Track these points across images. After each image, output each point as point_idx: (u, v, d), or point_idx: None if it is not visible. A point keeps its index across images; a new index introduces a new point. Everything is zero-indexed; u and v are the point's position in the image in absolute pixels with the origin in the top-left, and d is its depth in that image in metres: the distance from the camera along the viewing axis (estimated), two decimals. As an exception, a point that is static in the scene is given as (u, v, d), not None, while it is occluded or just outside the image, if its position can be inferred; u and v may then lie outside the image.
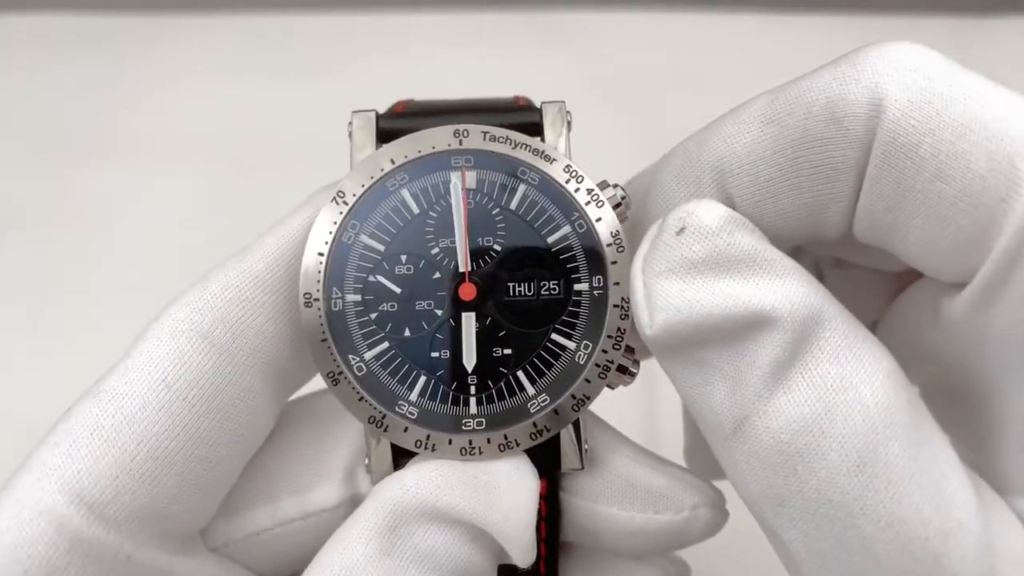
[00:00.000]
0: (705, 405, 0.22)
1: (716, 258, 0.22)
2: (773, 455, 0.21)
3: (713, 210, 0.22)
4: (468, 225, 0.25)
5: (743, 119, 0.24)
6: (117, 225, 0.55)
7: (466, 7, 0.65)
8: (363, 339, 0.24)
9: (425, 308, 0.25)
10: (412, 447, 0.24)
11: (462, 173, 0.25)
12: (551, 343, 0.24)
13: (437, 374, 0.24)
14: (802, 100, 0.23)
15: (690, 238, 0.22)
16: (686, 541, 0.26)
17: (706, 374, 0.22)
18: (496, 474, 0.24)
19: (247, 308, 0.24)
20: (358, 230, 0.25)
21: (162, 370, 0.23)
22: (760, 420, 0.21)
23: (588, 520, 0.26)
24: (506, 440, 0.24)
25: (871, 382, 0.21)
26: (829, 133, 0.22)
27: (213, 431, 0.23)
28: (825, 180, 0.23)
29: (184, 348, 0.23)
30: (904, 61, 0.22)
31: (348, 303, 0.24)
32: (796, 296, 0.21)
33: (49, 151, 0.58)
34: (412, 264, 0.25)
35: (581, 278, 0.25)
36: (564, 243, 0.25)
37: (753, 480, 0.22)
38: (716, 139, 0.24)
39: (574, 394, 0.24)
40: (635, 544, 0.26)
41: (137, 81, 0.61)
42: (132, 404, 0.23)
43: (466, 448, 0.24)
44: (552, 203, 0.25)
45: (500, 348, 0.24)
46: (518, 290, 0.25)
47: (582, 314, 0.24)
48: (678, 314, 0.22)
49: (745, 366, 0.21)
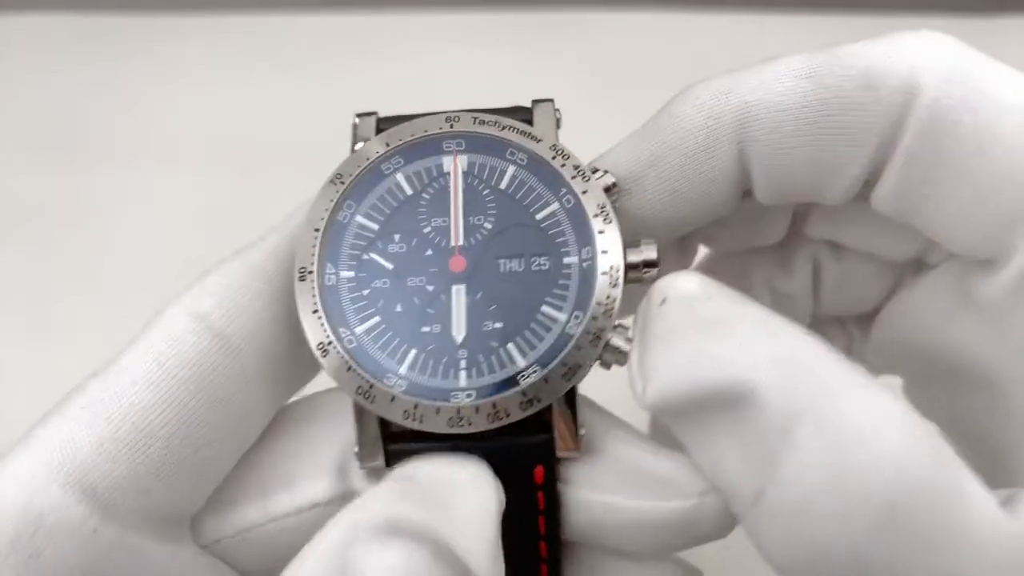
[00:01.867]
0: (721, 474, 0.22)
1: (698, 324, 0.21)
2: (798, 524, 0.20)
3: (693, 278, 0.22)
4: (460, 204, 0.25)
5: (777, 70, 0.24)
6: (117, 225, 0.55)
7: (466, 7, 0.65)
8: (355, 313, 0.24)
9: (417, 284, 0.25)
10: (400, 418, 0.24)
11: (454, 157, 0.26)
12: (542, 315, 0.24)
13: (427, 348, 0.24)
14: (840, 63, 0.23)
15: (671, 307, 0.22)
16: (696, 536, 0.24)
17: (714, 440, 0.21)
18: (451, 485, 0.23)
19: (244, 294, 0.24)
20: (353, 210, 0.25)
21: (156, 350, 0.23)
22: (776, 489, 0.20)
23: (588, 512, 0.25)
24: (495, 409, 0.24)
25: (887, 426, 0.20)
26: (863, 98, 0.23)
27: (202, 411, 0.23)
28: (848, 142, 0.23)
29: (179, 329, 0.24)
30: (941, 42, 0.23)
31: (342, 279, 0.25)
32: (779, 351, 0.20)
33: (49, 151, 0.58)
34: (405, 242, 0.25)
35: (570, 251, 0.25)
36: (553, 219, 0.25)
37: (783, 551, 0.21)
38: (747, 82, 0.24)
39: (564, 361, 0.24)
40: (640, 539, 0.24)
41: (137, 81, 0.61)
42: (123, 380, 0.23)
43: (454, 418, 0.24)
44: (540, 181, 0.26)
45: (491, 322, 0.24)
46: (508, 266, 0.25)
47: (572, 286, 0.24)
48: (667, 383, 0.21)
49: (749, 434, 0.20)
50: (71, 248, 0.53)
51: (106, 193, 0.56)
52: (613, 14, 0.65)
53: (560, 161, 0.26)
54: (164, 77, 0.61)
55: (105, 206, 0.55)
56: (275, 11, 0.64)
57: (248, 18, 0.64)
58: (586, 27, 0.64)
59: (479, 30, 0.64)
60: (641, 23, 0.64)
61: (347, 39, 0.63)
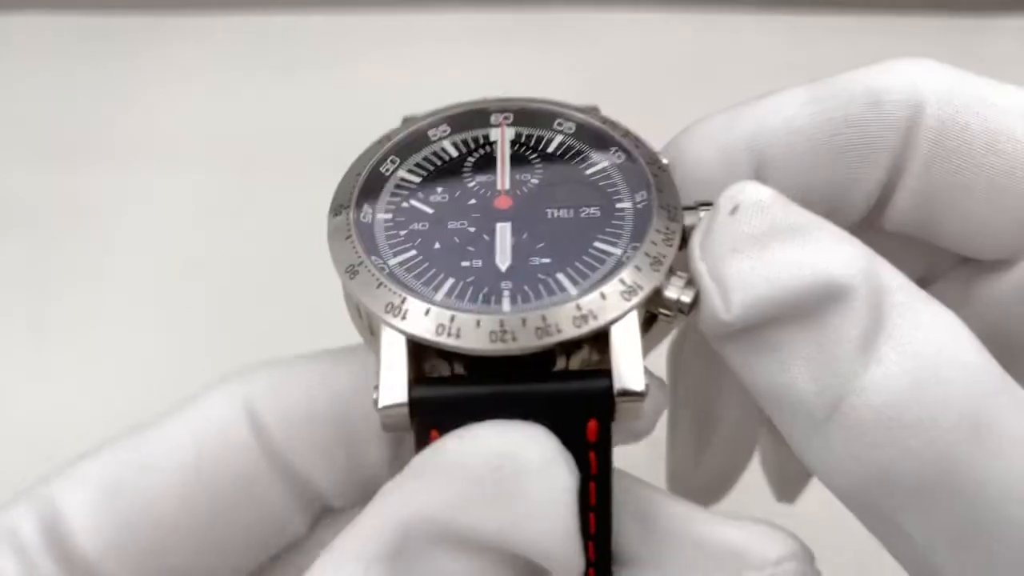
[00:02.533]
0: (787, 394, 0.21)
1: (778, 229, 0.21)
2: (879, 433, 0.20)
3: (761, 186, 0.21)
4: (507, 159, 0.25)
5: (780, 99, 0.24)
6: (117, 224, 0.54)
7: (466, 7, 0.65)
8: (389, 248, 0.23)
9: (458, 226, 0.23)
10: (433, 334, 0.21)
11: (501, 128, 0.25)
12: (594, 250, 0.23)
13: (467, 279, 0.22)
14: (842, 86, 0.24)
15: (747, 213, 0.21)
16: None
17: (783, 359, 0.21)
18: (523, 475, 0.19)
19: (310, 425, 0.22)
20: (397, 164, 0.25)
21: (199, 453, 0.22)
22: (858, 398, 0.20)
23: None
24: (545, 323, 0.21)
25: (960, 341, 0.20)
26: (869, 116, 0.23)
27: (231, 532, 0.22)
28: (859, 159, 0.23)
29: (232, 439, 0.22)
30: (934, 63, 0.23)
31: (378, 219, 0.24)
32: (863, 261, 0.21)
33: (49, 150, 0.58)
34: (447, 193, 0.24)
35: (623, 198, 0.24)
36: (603, 173, 0.24)
37: (858, 467, 0.20)
38: (752, 112, 0.24)
39: (623, 279, 0.21)
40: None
41: (137, 80, 0.61)
42: (161, 474, 0.21)
43: (497, 332, 0.21)
44: (589, 144, 0.25)
45: (538, 258, 0.22)
46: (556, 214, 0.23)
47: (626, 225, 0.23)
48: (756, 291, 0.20)
49: (829, 343, 0.20)
50: (71, 247, 0.53)
51: (106, 193, 0.56)
52: (613, 14, 0.65)
53: (609, 127, 0.25)
54: (164, 77, 0.61)
55: (105, 206, 0.55)
56: (275, 11, 0.64)
57: (248, 18, 0.64)
58: (586, 27, 0.64)
59: (479, 30, 0.64)
60: (641, 23, 0.64)
61: (347, 39, 0.63)
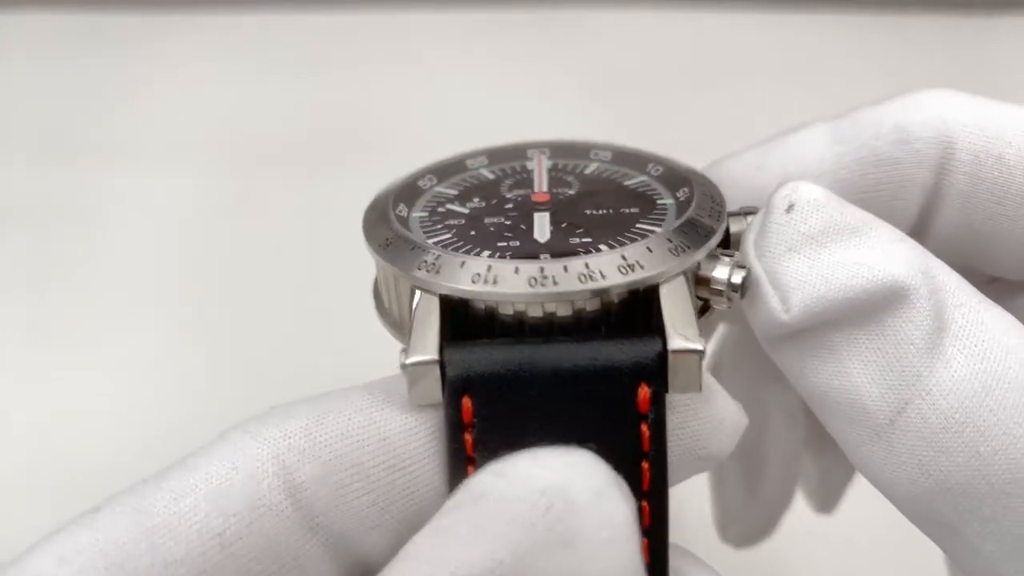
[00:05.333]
0: (845, 398, 0.20)
1: (835, 229, 0.20)
2: (948, 439, 0.19)
3: (815, 185, 0.21)
4: (545, 173, 0.24)
5: (805, 138, 0.24)
6: (116, 223, 0.54)
7: (466, 6, 0.65)
8: (425, 236, 0.22)
9: (495, 220, 0.22)
10: (469, 284, 0.19)
11: (538, 157, 0.25)
12: (637, 230, 0.22)
13: (505, 254, 0.21)
14: (868, 123, 0.23)
15: (803, 212, 0.21)
16: None
17: (841, 362, 0.20)
18: (576, 514, 0.16)
19: (354, 476, 0.19)
20: (434, 183, 0.24)
21: (221, 519, 0.18)
22: (924, 402, 0.19)
23: None
24: (588, 270, 0.19)
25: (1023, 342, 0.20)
26: (898, 153, 0.23)
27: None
28: (890, 197, 0.23)
29: (259, 504, 0.19)
30: (954, 93, 0.23)
31: (414, 216, 0.23)
32: (922, 261, 0.20)
33: (47, 149, 0.58)
34: (484, 201, 0.23)
35: (664, 196, 0.23)
36: (643, 183, 0.24)
37: (923, 474, 0.20)
38: (779, 153, 0.24)
39: (671, 239, 0.21)
40: None
41: (137, 80, 0.61)
42: (175, 550, 0.18)
43: (536, 278, 0.19)
44: (626, 165, 0.25)
45: (578, 239, 0.21)
46: (596, 213, 0.23)
47: (670, 213, 0.23)
48: (815, 291, 0.20)
49: (891, 345, 0.20)
50: (69, 246, 0.53)
51: (105, 192, 0.56)
52: (613, 14, 0.65)
53: (649, 154, 0.25)
54: (163, 76, 0.61)
55: (104, 205, 0.55)
56: (275, 10, 0.64)
57: (248, 17, 0.64)
58: (586, 27, 0.64)
59: (479, 30, 0.64)
60: (641, 23, 0.64)
61: (347, 39, 0.63)
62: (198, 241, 0.53)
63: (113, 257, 0.53)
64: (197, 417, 0.45)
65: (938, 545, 0.21)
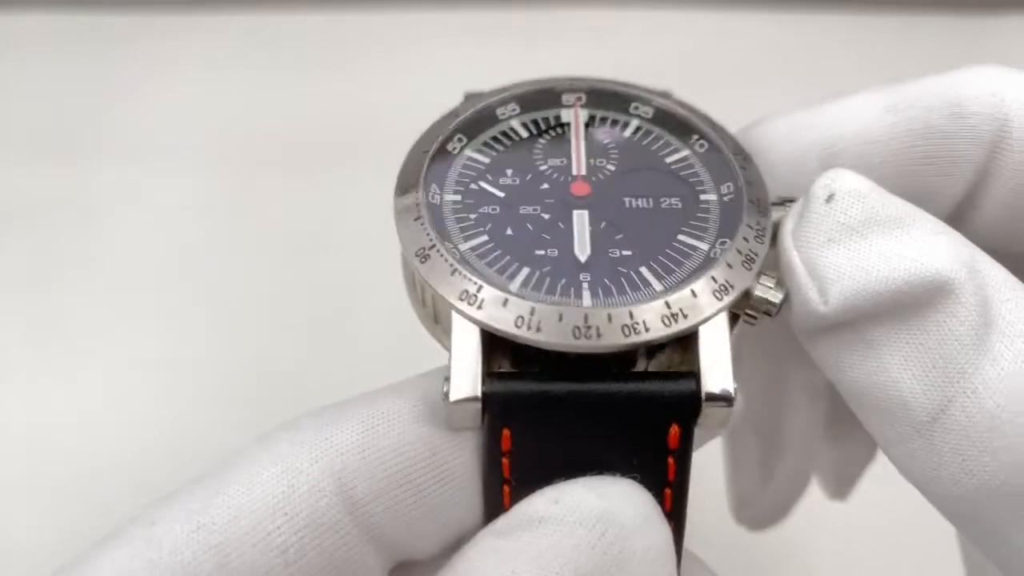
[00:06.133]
0: (885, 394, 0.20)
1: (877, 220, 0.20)
2: (994, 438, 0.18)
3: (857, 175, 0.20)
4: (582, 143, 0.23)
5: (856, 104, 0.23)
6: (116, 222, 0.54)
7: (466, 6, 0.65)
8: (460, 232, 0.21)
9: (531, 212, 0.22)
10: (512, 327, 0.19)
11: (575, 108, 0.24)
12: (679, 243, 0.21)
13: (543, 268, 0.21)
14: (923, 93, 0.23)
15: (843, 202, 0.20)
16: None
17: (881, 357, 0.19)
18: (627, 538, 0.18)
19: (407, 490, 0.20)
20: (464, 143, 0.24)
21: (284, 537, 0.19)
22: (971, 400, 0.19)
23: None
24: (632, 320, 0.19)
25: None
26: (952, 127, 0.22)
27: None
28: (938, 172, 0.22)
29: (320, 522, 0.19)
30: (1010, 70, 0.22)
31: (447, 200, 0.22)
32: (967, 254, 0.19)
33: (47, 149, 0.58)
34: (518, 176, 0.23)
35: (707, 189, 0.22)
36: (685, 163, 0.23)
37: (966, 474, 0.19)
38: (827, 116, 0.23)
39: (715, 277, 0.20)
40: None
41: (136, 79, 0.61)
42: (240, 568, 0.18)
43: (581, 328, 0.19)
44: (668, 131, 0.24)
45: (618, 250, 0.21)
46: (635, 203, 0.22)
47: (712, 218, 0.22)
48: (855, 283, 0.19)
49: (934, 340, 0.19)
50: (69, 246, 0.53)
51: (105, 191, 0.56)
52: (614, 14, 0.65)
53: (689, 111, 0.24)
54: (163, 76, 0.61)
55: (104, 204, 0.55)
56: (274, 10, 0.64)
57: (247, 17, 0.64)
58: (587, 27, 0.64)
59: (480, 30, 0.64)
60: (642, 23, 0.64)
61: (347, 39, 0.63)
62: (198, 241, 0.53)
63: (113, 257, 0.53)
64: (197, 416, 0.45)
65: (976, 545, 0.21)
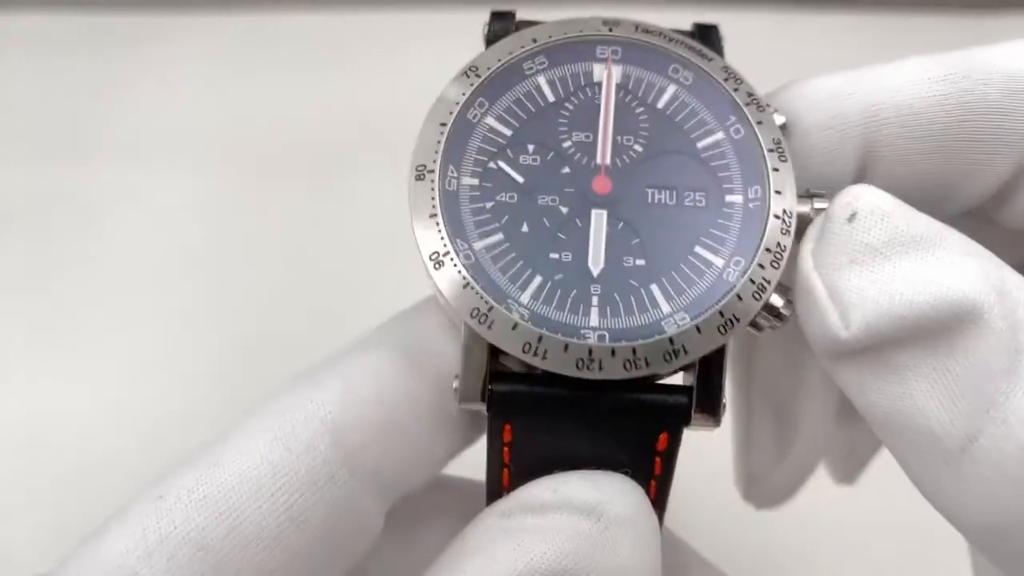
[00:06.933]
0: (911, 422, 0.19)
1: (900, 240, 0.19)
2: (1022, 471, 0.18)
3: (881, 192, 0.19)
4: (611, 120, 0.22)
5: (906, 72, 0.22)
6: (116, 223, 0.54)
7: (467, 6, 0.65)
8: (475, 227, 0.21)
9: (548, 203, 0.21)
10: (519, 352, 0.20)
11: (608, 65, 0.23)
12: (694, 257, 0.21)
13: (555, 277, 0.21)
14: (979, 65, 0.21)
15: (866, 222, 0.19)
16: None
17: (907, 384, 0.18)
18: (620, 526, 0.20)
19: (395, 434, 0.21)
20: (485, 109, 0.22)
21: (287, 496, 0.20)
22: (1001, 431, 0.18)
23: None
24: (634, 356, 0.20)
25: None
26: (1008, 104, 0.21)
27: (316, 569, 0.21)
28: (987, 151, 0.21)
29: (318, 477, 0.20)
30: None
31: (464, 185, 0.22)
32: (995, 277, 0.18)
33: (48, 149, 0.58)
34: (539, 154, 0.22)
35: (734, 188, 0.22)
36: (716, 149, 0.22)
37: (997, 505, 0.18)
38: (873, 81, 0.22)
39: (722, 312, 0.20)
40: None
41: (136, 80, 0.61)
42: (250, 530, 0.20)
43: (584, 360, 0.20)
44: (705, 105, 0.22)
45: (632, 259, 0.21)
46: (658, 197, 0.21)
47: (733, 228, 0.21)
48: (878, 308, 0.18)
49: (962, 368, 0.18)
50: (69, 246, 0.53)
51: (105, 191, 0.56)
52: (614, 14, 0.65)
53: (732, 84, 0.22)
54: (163, 76, 0.61)
55: (104, 204, 0.55)
56: (274, 10, 0.64)
57: (247, 17, 0.64)
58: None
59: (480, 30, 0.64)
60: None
61: (346, 38, 0.63)
62: (198, 240, 0.53)
63: (113, 257, 0.53)
64: (197, 414, 0.45)
65: (1001, 570, 0.20)
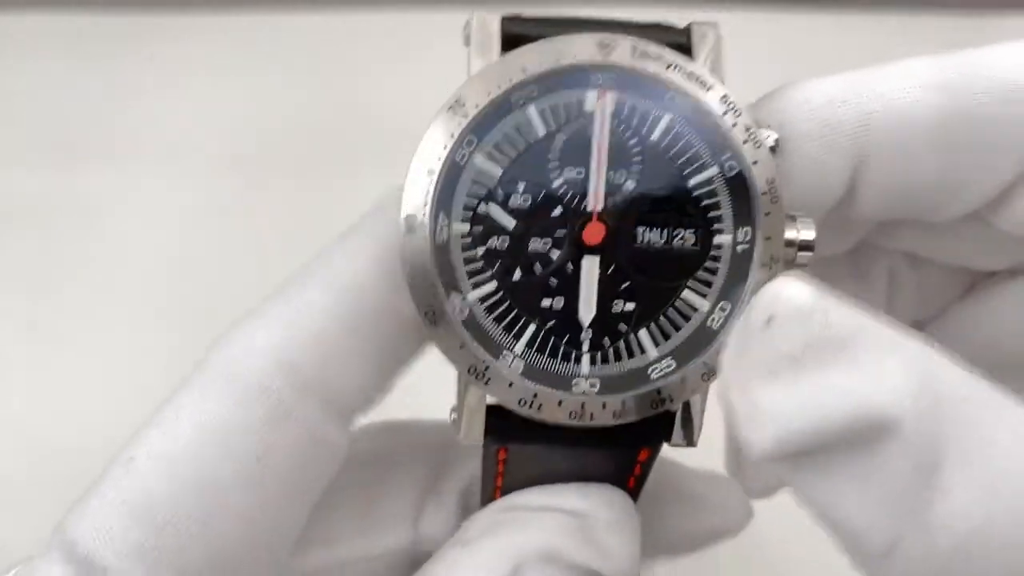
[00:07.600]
0: (843, 522, 0.18)
1: (820, 345, 0.18)
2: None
3: (801, 288, 0.18)
4: (604, 158, 0.21)
5: (902, 76, 0.21)
6: (116, 223, 0.54)
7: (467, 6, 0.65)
8: (467, 276, 0.21)
9: (539, 249, 0.21)
10: (515, 406, 0.22)
11: (601, 96, 0.22)
12: (682, 301, 0.21)
13: (547, 325, 0.22)
14: (980, 73, 0.21)
15: (783, 328, 0.18)
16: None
17: (833, 484, 0.18)
18: (605, 528, 0.23)
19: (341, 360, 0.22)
20: (474, 147, 0.22)
21: (248, 439, 0.21)
22: (921, 538, 0.17)
23: None
24: (623, 408, 0.22)
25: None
26: (1006, 114, 0.20)
27: (291, 501, 0.22)
28: (983, 162, 0.21)
29: (276, 415, 0.21)
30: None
31: (454, 233, 0.21)
32: (916, 381, 0.17)
33: (48, 149, 0.58)
34: (530, 195, 0.21)
35: (724, 229, 0.21)
36: (708, 187, 0.21)
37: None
38: (866, 88, 0.21)
39: (706, 361, 0.21)
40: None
41: (137, 80, 0.61)
42: (222, 475, 0.20)
43: (577, 412, 0.22)
44: (701, 139, 0.21)
45: (622, 302, 0.22)
46: (647, 237, 0.21)
47: (721, 270, 0.21)
48: (791, 424, 0.17)
49: (883, 476, 0.17)
50: (69, 245, 0.53)
51: (105, 191, 0.56)
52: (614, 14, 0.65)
53: (731, 119, 0.21)
54: (163, 76, 0.61)
55: (104, 204, 0.55)
56: (275, 11, 0.64)
57: (249, 18, 0.64)
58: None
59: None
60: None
61: (347, 39, 0.63)
62: (199, 241, 0.53)
63: (113, 257, 0.53)
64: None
65: None
